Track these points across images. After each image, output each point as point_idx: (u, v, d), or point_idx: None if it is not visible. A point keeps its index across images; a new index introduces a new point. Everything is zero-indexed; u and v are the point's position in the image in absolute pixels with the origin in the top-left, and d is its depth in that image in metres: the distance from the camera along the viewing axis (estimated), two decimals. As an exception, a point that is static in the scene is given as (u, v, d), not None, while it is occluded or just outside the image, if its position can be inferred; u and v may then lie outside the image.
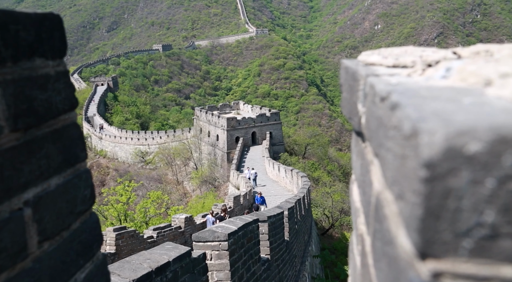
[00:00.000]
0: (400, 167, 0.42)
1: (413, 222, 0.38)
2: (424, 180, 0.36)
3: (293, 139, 46.15)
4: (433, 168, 0.35)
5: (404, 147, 0.41)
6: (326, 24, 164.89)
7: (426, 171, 0.36)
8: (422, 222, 0.37)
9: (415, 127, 0.38)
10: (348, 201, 27.57)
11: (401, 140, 0.42)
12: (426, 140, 0.36)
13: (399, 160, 0.43)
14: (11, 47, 0.79)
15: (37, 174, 0.85)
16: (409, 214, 0.39)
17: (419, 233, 0.37)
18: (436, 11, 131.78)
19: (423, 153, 0.36)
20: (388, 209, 0.49)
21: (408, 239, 0.40)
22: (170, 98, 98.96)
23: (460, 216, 0.35)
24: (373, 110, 0.57)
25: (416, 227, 0.37)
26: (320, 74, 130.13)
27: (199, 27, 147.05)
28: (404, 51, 0.77)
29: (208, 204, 25.95)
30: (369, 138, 0.62)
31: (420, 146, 0.37)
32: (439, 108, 0.41)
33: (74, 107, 1.01)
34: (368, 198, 0.64)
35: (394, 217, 0.46)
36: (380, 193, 0.54)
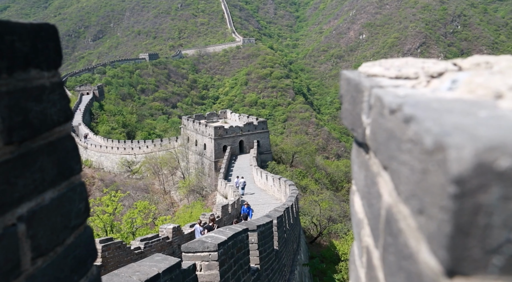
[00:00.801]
0: (420, 182, 0.41)
1: (440, 239, 0.37)
2: (453, 196, 0.35)
3: (280, 148, 46.30)
4: (463, 184, 0.34)
5: (425, 162, 0.40)
6: (312, 33, 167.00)
7: (455, 187, 0.35)
8: (451, 239, 0.36)
9: (439, 141, 0.37)
10: (336, 209, 27.71)
11: (421, 154, 0.41)
12: (455, 155, 0.35)
13: (418, 174, 0.42)
14: (7, 58, 0.78)
15: (31, 188, 0.83)
16: (435, 230, 0.38)
17: (447, 250, 0.36)
18: (418, 22, 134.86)
19: (452, 169, 0.35)
20: (404, 224, 0.48)
21: (432, 256, 0.39)
22: (157, 107, 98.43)
23: (490, 233, 0.34)
24: (381, 122, 0.57)
25: (445, 244, 0.36)
26: (307, 82, 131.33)
27: (186, 36, 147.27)
28: (405, 63, 0.77)
29: (195, 213, 25.72)
30: (376, 150, 0.62)
31: (448, 162, 0.36)
32: (458, 122, 0.40)
33: (69, 118, 0.99)
34: (376, 211, 0.63)
35: (412, 231, 0.45)
36: (392, 207, 0.54)
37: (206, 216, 16.69)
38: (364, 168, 0.74)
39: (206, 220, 15.59)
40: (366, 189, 0.72)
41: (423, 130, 0.41)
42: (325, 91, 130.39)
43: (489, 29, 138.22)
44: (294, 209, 15.70)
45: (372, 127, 0.64)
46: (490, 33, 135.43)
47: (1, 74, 0.76)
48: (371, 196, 0.67)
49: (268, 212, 10.79)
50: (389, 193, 0.55)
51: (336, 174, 43.58)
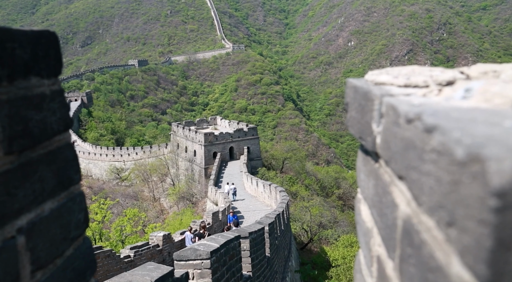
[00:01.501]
0: (449, 193, 0.41)
1: (479, 253, 0.36)
2: (495, 209, 0.34)
3: (270, 154, 46.34)
4: (505, 197, 0.33)
5: (457, 173, 0.39)
6: (301, 40, 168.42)
7: (497, 200, 0.34)
8: (491, 253, 0.35)
9: (474, 153, 0.36)
10: (326, 215, 27.77)
11: (451, 165, 0.40)
12: (495, 167, 0.34)
13: (447, 185, 0.41)
14: (7, 66, 0.77)
15: (31, 199, 0.82)
16: (471, 244, 0.37)
17: (487, 264, 0.35)
18: (405, 29, 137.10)
19: (493, 182, 0.34)
20: (428, 235, 0.47)
21: (467, 270, 0.38)
22: (146, 113, 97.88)
23: None
24: (396, 131, 0.56)
25: (484, 259, 0.35)
26: (296, 89, 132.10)
27: (176, 42, 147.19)
28: (412, 71, 0.77)
29: (186, 220, 25.53)
30: (389, 159, 0.61)
31: (487, 174, 0.35)
32: (488, 133, 0.39)
33: (68, 127, 0.98)
34: (391, 221, 0.62)
35: (439, 244, 0.44)
36: (411, 217, 0.53)
37: (196, 223, 16.58)
38: (373, 177, 0.73)
39: (196, 227, 15.49)
40: (377, 198, 0.71)
41: (452, 140, 0.40)
42: (314, 98, 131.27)
43: (474, 37, 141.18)
44: (285, 215, 15.71)
45: (384, 136, 0.63)
46: (475, 41, 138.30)
47: (2, 82, 0.75)
48: (383, 205, 0.67)
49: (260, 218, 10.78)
50: (407, 203, 0.54)
51: (326, 180, 43.75)
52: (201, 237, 13.05)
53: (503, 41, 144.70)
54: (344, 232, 26.90)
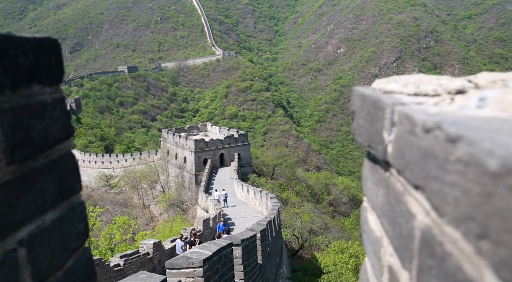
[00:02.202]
0: (480, 205, 0.40)
1: None
2: None
3: (261, 160, 46.36)
4: None
5: (489, 185, 0.38)
6: (291, 47, 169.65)
7: None
8: None
9: (509, 164, 0.36)
10: (317, 222, 27.82)
11: (482, 177, 0.39)
12: None
13: (477, 197, 0.40)
14: (10, 73, 0.76)
15: (32, 210, 0.81)
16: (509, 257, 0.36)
17: None
18: (393, 37, 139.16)
19: None
20: (454, 247, 0.46)
21: None
22: (136, 120, 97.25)
23: None
24: (412, 140, 0.56)
25: None
26: (287, 95, 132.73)
27: (166, 49, 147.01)
28: (419, 79, 0.77)
29: (176, 228, 25.33)
30: (403, 169, 0.60)
31: None
32: None
33: (70, 135, 0.98)
34: (406, 231, 0.61)
35: (469, 256, 0.43)
36: (431, 228, 0.52)
37: (187, 230, 16.46)
38: (383, 186, 0.73)
39: (187, 234, 15.38)
40: (388, 208, 0.70)
41: (482, 151, 0.40)
42: (304, 104, 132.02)
43: (460, 45, 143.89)
44: (276, 222, 15.71)
45: (397, 145, 0.63)
46: (461, 49, 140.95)
47: (5, 90, 0.75)
48: (396, 215, 0.66)
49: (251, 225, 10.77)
50: (425, 213, 0.54)
51: (317, 187, 43.86)
52: (192, 244, 12.97)
53: (488, 49, 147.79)
54: (335, 238, 26.96)
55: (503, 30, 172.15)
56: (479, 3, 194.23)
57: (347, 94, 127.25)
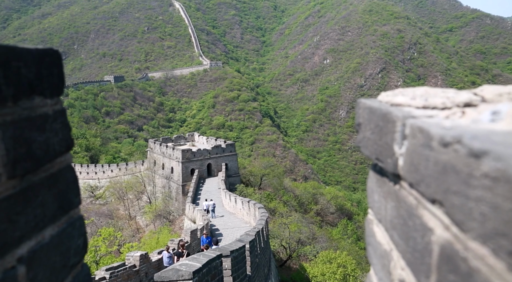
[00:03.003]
0: None
1: None
2: None
3: (248, 170, 46.31)
4: None
5: None
6: (278, 58, 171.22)
7: None
8: None
9: None
10: (305, 232, 27.82)
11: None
12: None
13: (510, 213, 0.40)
14: (13, 85, 0.75)
15: (32, 226, 0.79)
16: None
17: None
18: (378, 48, 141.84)
19: None
20: (482, 263, 0.45)
21: None
22: (122, 130, 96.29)
23: None
24: (428, 154, 0.55)
25: None
26: (274, 105, 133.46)
27: (153, 59, 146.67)
28: (426, 92, 0.77)
29: (163, 239, 25.00)
30: (417, 182, 0.60)
31: None
32: None
33: (70, 148, 0.97)
34: (423, 245, 0.61)
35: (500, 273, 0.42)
36: (452, 243, 0.51)
37: (174, 242, 16.28)
38: (392, 199, 0.72)
39: (174, 246, 15.21)
40: (399, 221, 0.70)
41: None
42: (291, 114, 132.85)
43: (442, 56, 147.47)
44: (265, 232, 15.67)
45: (409, 158, 0.62)
46: (443, 60, 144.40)
47: (7, 103, 0.73)
48: (409, 229, 0.65)
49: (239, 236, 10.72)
50: (445, 228, 0.53)
51: (304, 196, 43.96)
52: (180, 256, 12.83)
53: (469, 61, 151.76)
54: (323, 248, 26.98)
55: (482, 43, 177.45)
56: (459, 17, 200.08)
57: (334, 104, 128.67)
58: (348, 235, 37.87)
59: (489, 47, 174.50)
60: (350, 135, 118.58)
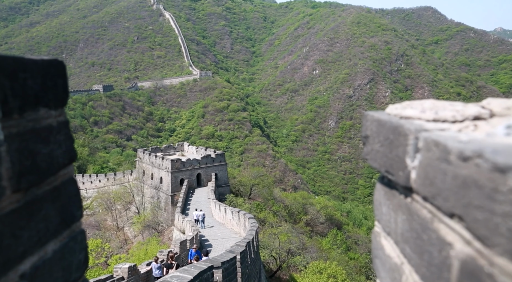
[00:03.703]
0: None
1: None
2: None
3: (238, 180, 46.18)
4: None
5: None
6: (268, 68, 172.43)
7: None
8: None
9: None
10: (295, 242, 27.76)
11: None
12: None
13: None
14: (19, 97, 0.74)
15: (35, 241, 0.77)
16: None
17: None
18: (366, 60, 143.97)
19: None
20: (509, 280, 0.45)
21: None
22: (110, 139, 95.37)
23: None
24: (445, 168, 0.55)
25: None
26: (263, 115, 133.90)
27: (142, 68, 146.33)
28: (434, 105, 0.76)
29: (151, 250, 24.67)
30: (433, 196, 0.60)
31: None
32: None
33: (73, 160, 0.95)
34: (440, 259, 0.60)
35: None
36: (475, 258, 0.50)
37: (163, 253, 16.08)
38: (403, 212, 0.71)
39: (163, 257, 15.02)
40: (412, 234, 0.69)
41: None
42: (281, 124, 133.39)
43: (428, 68, 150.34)
44: (255, 243, 15.60)
45: (423, 171, 0.62)
46: (430, 72, 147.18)
47: (13, 115, 0.72)
48: (423, 242, 0.65)
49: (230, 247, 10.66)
50: (465, 243, 0.52)
51: (294, 206, 43.95)
52: (169, 267, 12.68)
53: (454, 72, 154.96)
54: (313, 258, 26.92)
55: (467, 55, 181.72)
56: (444, 30, 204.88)
57: (323, 114, 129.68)
58: (337, 245, 37.88)
59: (473, 59, 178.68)
60: (339, 145, 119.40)
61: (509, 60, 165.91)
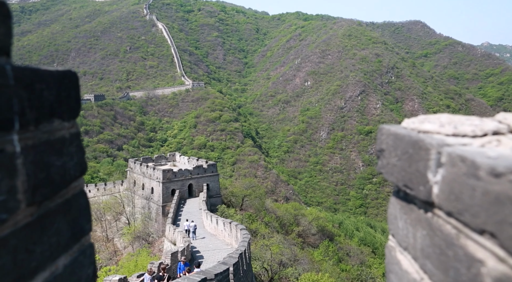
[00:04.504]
0: None
1: None
2: None
3: (230, 191, 45.99)
4: None
5: None
6: (260, 79, 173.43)
7: None
8: None
9: None
10: (287, 253, 27.63)
11: None
12: None
13: None
14: (35, 108, 0.73)
15: (47, 256, 0.76)
16: None
17: None
18: (357, 72, 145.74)
19: None
20: None
21: None
22: (101, 149, 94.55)
23: None
24: (474, 184, 0.54)
25: None
26: (255, 126, 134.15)
27: (134, 78, 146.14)
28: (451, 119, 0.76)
29: (141, 262, 24.35)
30: (459, 211, 0.59)
31: None
32: None
33: (84, 172, 0.94)
34: (470, 277, 0.58)
35: None
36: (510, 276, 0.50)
37: (154, 264, 15.89)
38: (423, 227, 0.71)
39: (155, 269, 14.84)
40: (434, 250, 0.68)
41: None
42: (273, 135, 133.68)
43: (418, 80, 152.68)
44: (247, 254, 15.51)
45: (448, 186, 0.61)
46: (419, 84, 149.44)
47: (29, 126, 0.72)
48: (448, 258, 0.64)
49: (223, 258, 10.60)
50: (499, 260, 0.51)
51: (286, 217, 43.83)
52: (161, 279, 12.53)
53: (443, 85, 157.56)
54: (305, 270, 26.80)
55: (455, 69, 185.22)
56: (433, 43, 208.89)
57: (315, 125, 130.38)
58: (329, 257, 37.77)
59: (462, 72, 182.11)
60: (331, 156, 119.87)
61: (496, 74, 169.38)
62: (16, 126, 0.69)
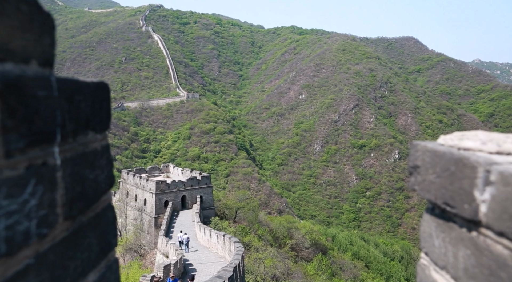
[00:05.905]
0: None
1: None
2: None
3: (223, 203, 45.72)
4: None
5: None
6: (255, 91, 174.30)
7: None
8: None
9: None
10: (280, 267, 27.40)
11: None
12: None
13: None
14: (74, 120, 0.73)
15: (79, 272, 0.74)
16: None
17: None
18: (352, 86, 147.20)
19: None
20: None
21: None
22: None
23: None
24: None
25: None
26: (249, 138, 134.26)
27: (129, 89, 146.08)
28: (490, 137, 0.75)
29: (133, 275, 23.98)
30: None
31: None
32: None
33: (112, 185, 0.93)
34: None
35: None
36: None
37: (147, 277, 15.67)
38: (466, 246, 0.69)
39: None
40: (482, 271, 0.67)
41: None
42: (267, 147, 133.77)
43: (411, 95, 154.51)
44: (241, 267, 15.36)
45: (500, 206, 0.60)
46: (412, 99, 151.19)
47: (68, 138, 0.71)
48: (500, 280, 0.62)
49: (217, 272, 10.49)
50: None
51: (279, 230, 43.57)
52: (153, 293, 12.33)
53: (436, 100, 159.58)
54: (298, 284, 26.55)
55: (447, 84, 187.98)
56: (426, 59, 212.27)
57: (309, 138, 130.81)
58: (323, 271, 37.50)
59: (454, 88, 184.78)
60: (325, 169, 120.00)
61: (487, 90, 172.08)
62: (58, 138, 0.69)
